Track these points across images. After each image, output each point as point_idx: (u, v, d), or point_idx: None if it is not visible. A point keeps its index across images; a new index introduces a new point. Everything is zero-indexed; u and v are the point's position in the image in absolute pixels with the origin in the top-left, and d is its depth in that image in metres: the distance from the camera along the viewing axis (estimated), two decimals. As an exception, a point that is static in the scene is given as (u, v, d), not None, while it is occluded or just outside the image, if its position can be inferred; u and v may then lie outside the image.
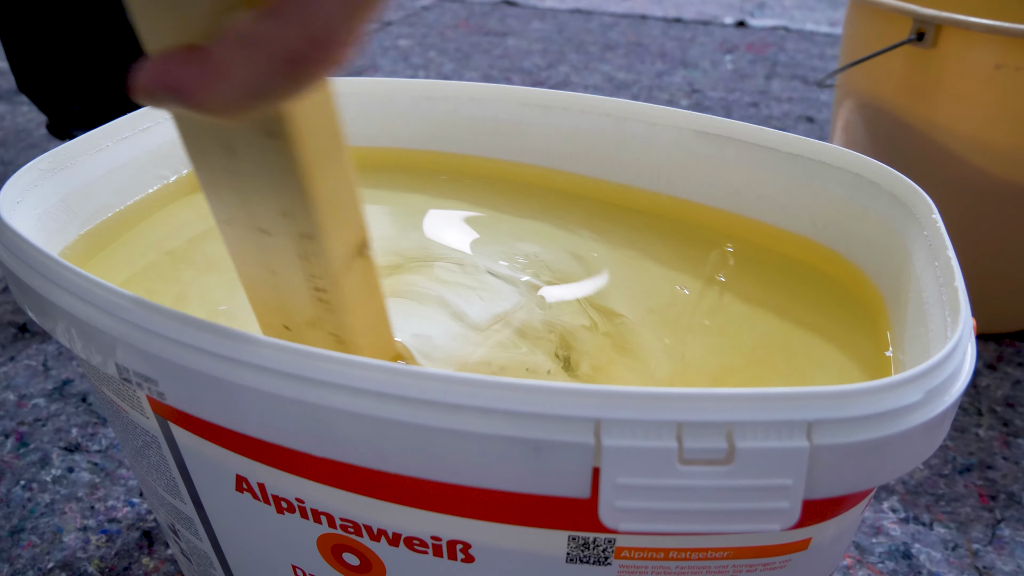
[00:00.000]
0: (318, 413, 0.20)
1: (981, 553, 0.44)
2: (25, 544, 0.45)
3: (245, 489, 0.27)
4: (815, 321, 0.31)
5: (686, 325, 0.31)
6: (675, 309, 0.32)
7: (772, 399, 0.19)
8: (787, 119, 1.04)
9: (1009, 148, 0.52)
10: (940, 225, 0.27)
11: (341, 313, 0.25)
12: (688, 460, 0.19)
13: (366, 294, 0.26)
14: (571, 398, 0.19)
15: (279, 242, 0.24)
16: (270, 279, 0.26)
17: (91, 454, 0.51)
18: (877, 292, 0.32)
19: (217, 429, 0.25)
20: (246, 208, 0.24)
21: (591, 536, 0.23)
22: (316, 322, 0.26)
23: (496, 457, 0.20)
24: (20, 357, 0.60)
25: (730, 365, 0.29)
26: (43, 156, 0.32)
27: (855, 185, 0.33)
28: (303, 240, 0.23)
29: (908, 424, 0.20)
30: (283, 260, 0.24)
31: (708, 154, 0.36)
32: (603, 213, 0.38)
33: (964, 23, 0.49)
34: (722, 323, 0.31)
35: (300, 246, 0.23)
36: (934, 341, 0.24)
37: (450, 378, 0.20)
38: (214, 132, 0.22)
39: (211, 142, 0.22)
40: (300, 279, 0.24)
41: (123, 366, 0.24)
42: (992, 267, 0.58)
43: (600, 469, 0.19)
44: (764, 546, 0.23)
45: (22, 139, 0.98)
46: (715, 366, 0.29)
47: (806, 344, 0.30)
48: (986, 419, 0.54)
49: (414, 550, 0.25)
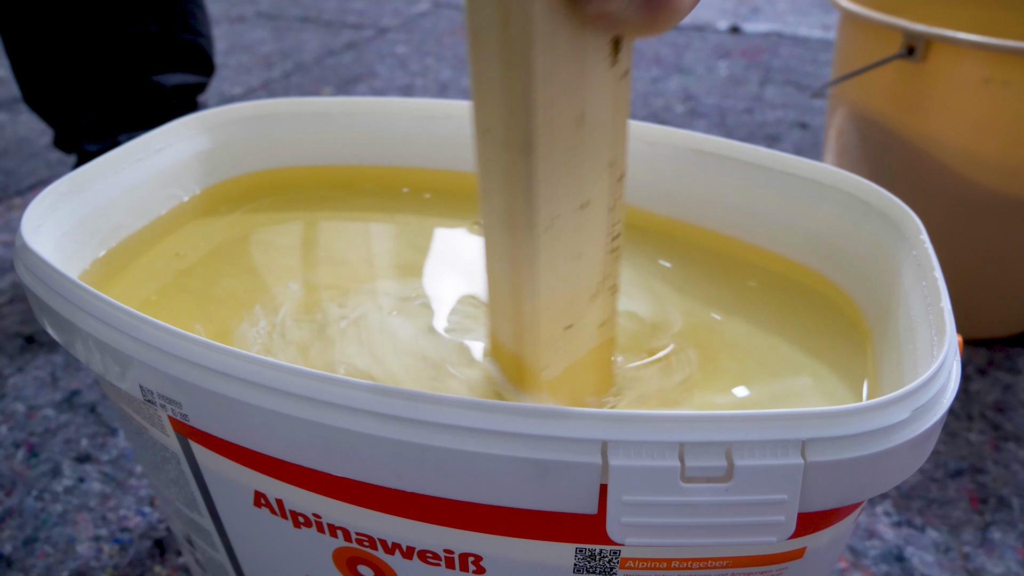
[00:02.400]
0: (337, 435, 0.22)
1: (972, 555, 0.46)
2: (39, 554, 0.46)
3: (263, 504, 0.28)
4: (803, 338, 0.32)
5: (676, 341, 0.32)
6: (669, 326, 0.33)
7: (768, 419, 0.20)
8: (781, 125, 1.05)
9: (996, 159, 0.54)
10: (928, 246, 0.29)
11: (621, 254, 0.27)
12: (690, 478, 0.20)
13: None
14: (579, 421, 0.20)
15: (595, 209, 0.25)
16: (571, 270, 0.25)
17: (102, 464, 0.52)
18: (866, 310, 0.33)
19: (238, 448, 0.26)
20: (576, 186, 0.23)
21: (597, 548, 0.24)
22: (600, 286, 0.26)
23: (508, 476, 0.21)
24: (28, 368, 0.61)
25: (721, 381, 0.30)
26: (62, 179, 0.33)
27: (846, 204, 0.34)
28: (617, 184, 0.25)
29: (896, 441, 0.21)
30: (593, 230, 0.25)
31: (704, 172, 0.38)
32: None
33: (953, 39, 0.51)
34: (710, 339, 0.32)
35: (613, 195, 0.25)
36: (921, 360, 0.25)
37: (463, 403, 0.21)
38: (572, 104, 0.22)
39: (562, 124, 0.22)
40: (604, 240, 0.26)
41: (147, 388, 0.25)
42: (981, 274, 0.59)
43: (607, 487, 0.20)
44: (761, 555, 0.24)
45: (23, 148, 0.99)
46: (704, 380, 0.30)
47: (795, 361, 0.31)
48: (977, 424, 0.55)
49: (427, 563, 0.26)
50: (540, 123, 0.21)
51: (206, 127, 0.41)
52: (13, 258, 0.29)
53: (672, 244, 0.39)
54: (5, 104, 1.13)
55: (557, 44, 0.20)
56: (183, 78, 0.67)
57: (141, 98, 0.65)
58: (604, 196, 0.25)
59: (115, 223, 0.36)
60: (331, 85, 1.21)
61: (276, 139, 0.43)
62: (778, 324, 0.33)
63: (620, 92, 0.23)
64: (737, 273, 0.36)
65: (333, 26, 1.51)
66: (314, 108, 0.43)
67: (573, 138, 0.22)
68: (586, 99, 0.22)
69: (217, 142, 0.41)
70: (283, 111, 0.42)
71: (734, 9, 1.63)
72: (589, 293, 0.26)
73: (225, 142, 0.41)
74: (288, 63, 1.31)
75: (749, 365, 0.31)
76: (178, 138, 0.39)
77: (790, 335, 0.33)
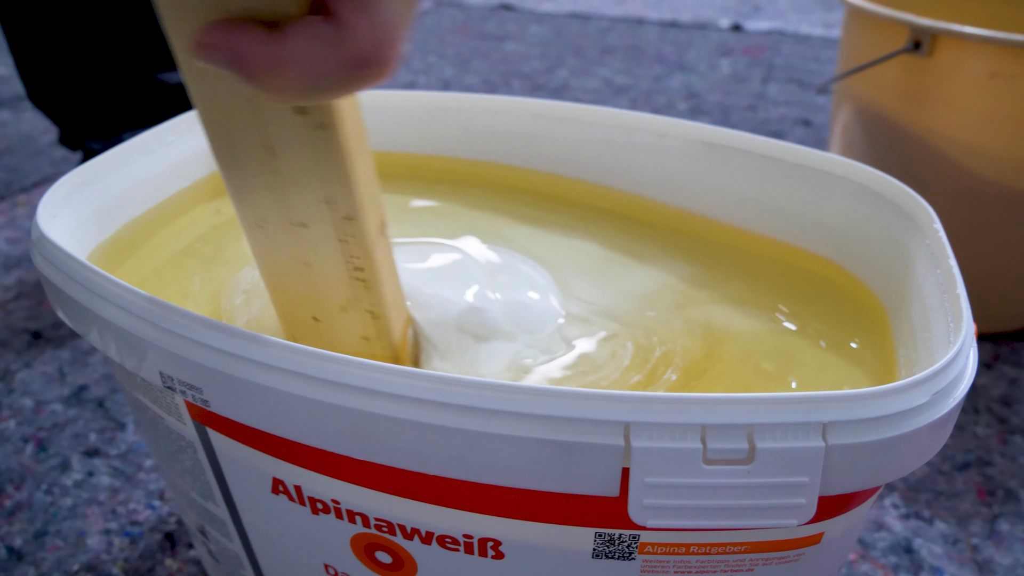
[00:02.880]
0: (362, 419, 0.22)
1: (980, 547, 0.46)
2: (50, 547, 0.46)
3: (281, 491, 0.28)
4: (818, 327, 0.33)
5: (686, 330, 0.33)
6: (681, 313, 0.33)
7: (789, 402, 0.21)
8: (784, 122, 1.05)
9: (1002, 153, 0.54)
10: (942, 234, 0.29)
11: (377, 288, 0.27)
12: (712, 460, 0.20)
13: (390, 269, 0.28)
14: (602, 403, 0.20)
15: (317, 232, 0.25)
16: (303, 272, 0.27)
17: (110, 458, 0.52)
18: (880, 299, 0.33)
19: (257, 434, 0.26)
20: (283, 205, 0.25)
21: (616, 532, 0.24)
22: (351, 304, 0.27)
23: (531, 458, 0.21)
24: (35, 364, 0.61)
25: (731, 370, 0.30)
26: (76, 171, 0.33)
27: (858, 195, 0.34)
28: (344, 223, 0.25)
29: (916, 424, 0.21)
30: (320, 250, 0.26)
31: (715, 164, 0.38)
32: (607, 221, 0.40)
33: (959, 33, 0.51)
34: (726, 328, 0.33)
35: (341, 229, 0.25)
36: (937, 346, 0.25)
37: (488, 385, 0.21)
38: (255, 134, 0.23)
39: (249, 145, 0.23)
40: (338, 263, 0.26)
41: (167, 375, 0.25)
42: (987, 269, 0.59)
43: (630, 469, 0.20)
44: (780, 540, 0.24)
45: (27, 146, 0.99)
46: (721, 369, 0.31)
47: (811, 350, 0.31)
48: (983, 417, 0.56)
49: (446, 548, 0.26)
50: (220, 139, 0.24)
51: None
52: (29, 248, 0.29)
53: (682, 236, 0.39)
54: (8, 102, 1.13)
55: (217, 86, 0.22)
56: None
57: (145, 96, 0.65)
58: (327, 226, 0.25)
59: (128, 214, 0.36)
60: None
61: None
62: (791, 312, 0.33)
63: (319, 140, 0.23)
64: (749, 264, 0.36)
65: (335, 24, 1.51)
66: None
67: (266, 161, 0.24)
68: (270, 134, 0.23)
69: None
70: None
71: (735, 7, 1.63)
72: (336, 302, 0.28)
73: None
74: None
75: (759, 352, 0.31)
76: (189, 130, 0.39)
77: (803, 323, 0.33)
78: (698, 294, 0.35)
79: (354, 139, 0.23)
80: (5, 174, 0.92)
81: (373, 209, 0.25)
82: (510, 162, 0.43)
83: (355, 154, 0.23)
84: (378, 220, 0.26)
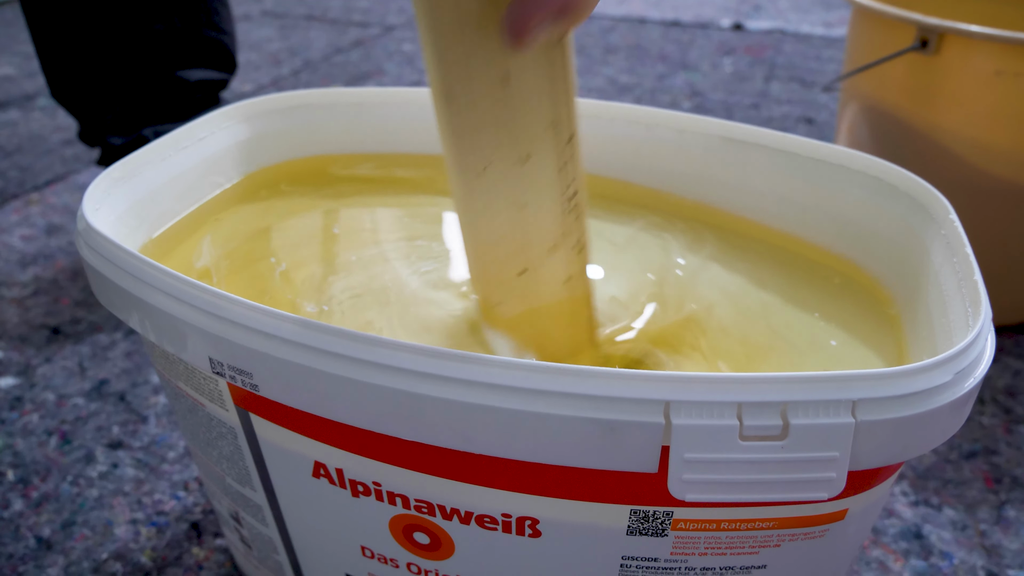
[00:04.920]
0: (410, 400, 0.23)
1: (988, 533, 0.47)
2: (78, 536, 0.46)
3: (322, 475, 0.29)
4: (838, 315, 0.34)
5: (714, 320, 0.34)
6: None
7: (821, 381, 0.22)
8: (787, 120, 1.06)
9: (1008, 149, 0.55)
10: (957, 224, 0.30)
11: (585, 215, 0.28)
12: (747, 436, 0.21)
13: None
14: (643, 383, 0.21)
15: (538, 164, 0.26)
16: (516, 217, 0.28)
17: (134, 450, 0.53)
18: (896, 288, 0.34)
19: (303, 418, 0.27)
20: (509, 140, 0.26)
21: (651, 510, 0.25)
22: (561, 241, 0.28)
23: (575, 437, 0.22)
24: (56, 359, 0.62)
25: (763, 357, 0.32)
26: (116, 165, 0.34)
27: (874, 188, 0.35)
28: (566, 147, 0.26)
29: (940, 402, 0.22)
30: (539, 183, 0.27)
31: (734, 159, 0.39)
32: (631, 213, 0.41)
33: (966, 31, 0.52)
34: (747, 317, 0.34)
35: (562, 155, 0.26)
36: (955, 330, 0.26)
37: (533, 366, 0.22)
38: (495, 67, 0.24)
39: (487, 80, 0.25)
40: (553, 196, 0.27)
41: (217, 360, 0.26)
42: (993, 263, 0.60)
43: (669, 446, 0.21)
44: (807, 516, 0.25)
45: (38, 145, 1.00)
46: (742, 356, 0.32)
47: (830, 336, 0.33)
48: (989, 407, 0.57)
49: (484, 527, 0.27)
50: (455, 77, 0.24)
51: (246, 116, 0.42)
52: (75, 239, 0.30)
53: (701, 228, 0.40)
54: (17, 101, 1.14)
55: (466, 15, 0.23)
56: (206, 74, 0.68)
57: (165, 93, 0.66)
58: (549, 154, 0.26)
59: (164, 208, 0.37)
60: (340, 82, 1.22)
61: (313, 128, 0.44)
62: (808, 303, 0.34)
63: (553, 59, 0.25)
64: (766, 256, 0.38)
65: (339, 24, 1.52)
66: (348, 98, 0.44)
67: (499, 94, 0.25)
68: (509, 64, 0.24)
69: (257, 131, 0.42)
70: (321, 101, 0.44)
71: (736, 7, 1.64)
72: (545, 245, 0.28)
73: (264, 131, 0.42)
74: (297, 60, 1.32)
75: (780, 343, 0.32)
76: (220, 127, 0.40)
77: (823, 311, 0.34)
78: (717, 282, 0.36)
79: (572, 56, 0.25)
80: (17, 173, 0.92)
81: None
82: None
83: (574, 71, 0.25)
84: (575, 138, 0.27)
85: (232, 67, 0.71)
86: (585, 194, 0.28)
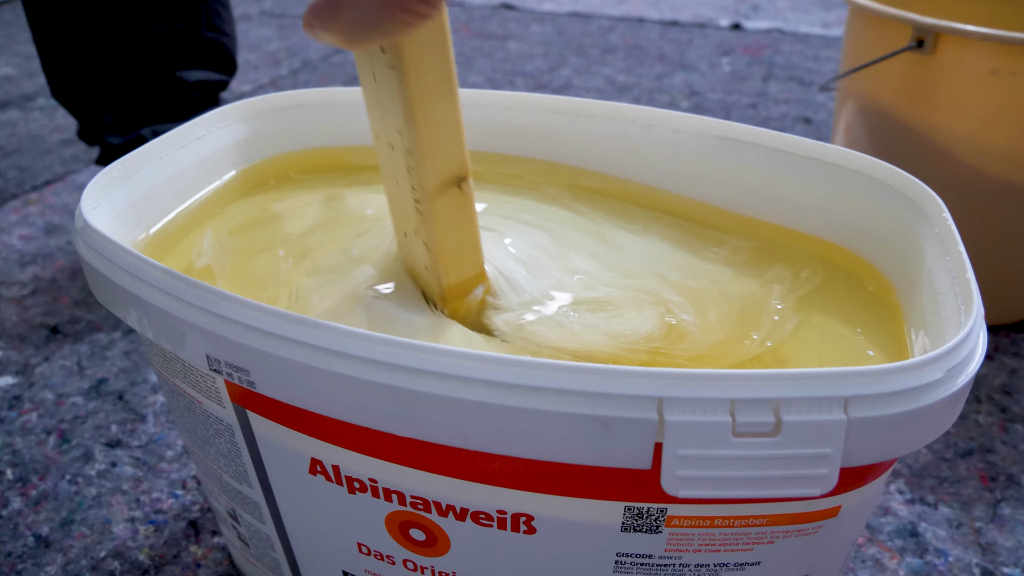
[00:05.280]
0: (406, 397, 0.23)
1: (983, 530, 0.47)
2: (76, 535, 0.47)
3: (319, 472, 0.29)
4: (836, 312, 0.34)
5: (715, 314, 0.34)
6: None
7: (813, 378, 0.22)
8: (785, 120, 1.07)
9: (1004, 149, 0.55)
10: (951, 223, 0.30)
11: (430, 225, 0.30)
12: (740, 433, 0.22)
13: (456, 218, 0.31)
14: (637, 379, 0.22)
15: (397, 156, 0.30)
16: (395, 189, 0.32)
17: (132, 449, 0.53)
18: (891, 286, 0.34)
19: (300, 415, 0.27)
20: (382, 126, 0.30)
21: (645, 506, 0.25)
22: (416, 230, 0.31)
23: (569, 433, 0.22)
24: (54, 358, 0.62)
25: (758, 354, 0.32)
26: (114, 164, 0.34)
27: (869, 187, 0.35)
28: (408, 156, 0.29)
29: (931, 399, 0.22)
30: (400, 172, 0.30)
31: (729, 158, 0.39)
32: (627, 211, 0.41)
33: (962, 31, 0.52)
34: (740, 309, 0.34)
35: (406, 160, 0.29)
36: (948, 328, 0.27)
37: (528, 363, 0.22)
38: (372, 64, 0.28)
39: (368, 72, 0.29)
40: (407, 189, 0.30)
41: (214, 357, 0.26)
42: (988, 262, 0.60)
43: (663, 442, 0.22)
44: (800, 513, 0.25)
45: (36, 145, 1.00)
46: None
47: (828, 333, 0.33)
48: (985, 406, 0.57)
49: (480, 524, 0.27)
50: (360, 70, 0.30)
51: (244, 115, 0.42)
52: (74, 237, 0.30)
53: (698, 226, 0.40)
54: (16, 102, 1.14)
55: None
56: (206, 75, 0.68)
57: (165, 93, 0.66)
58: (400, 154, 0.30)
59: (161, 207, 0.37)
60: (339, 82, 1.22)
61: (311, 127, 0.44)
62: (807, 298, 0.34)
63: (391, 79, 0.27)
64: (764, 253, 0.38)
65: (338, 24, 1.52)
66: (346, 98, 0.44)
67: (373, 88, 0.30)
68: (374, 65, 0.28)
69: (254, 130, 0.42)
70: (317, 100, 0.44)
71: (734, 7, 1.65)
72: (411, 225, 0.32)
73: (262, 130, 0.43)
74: (295, 61, 1.32)
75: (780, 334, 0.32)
76: (217, 126, 0.40)
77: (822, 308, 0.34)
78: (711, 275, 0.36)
79: (431, 85, 0.27)
80: (16, 173, 0.92)
81: (440, 157, 0.29)
82: (529, 156, 0.44)
83: (423, 99, 0.27)
84: (450, 172, 0.29)
85: (232, 69, 0.71)
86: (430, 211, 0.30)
